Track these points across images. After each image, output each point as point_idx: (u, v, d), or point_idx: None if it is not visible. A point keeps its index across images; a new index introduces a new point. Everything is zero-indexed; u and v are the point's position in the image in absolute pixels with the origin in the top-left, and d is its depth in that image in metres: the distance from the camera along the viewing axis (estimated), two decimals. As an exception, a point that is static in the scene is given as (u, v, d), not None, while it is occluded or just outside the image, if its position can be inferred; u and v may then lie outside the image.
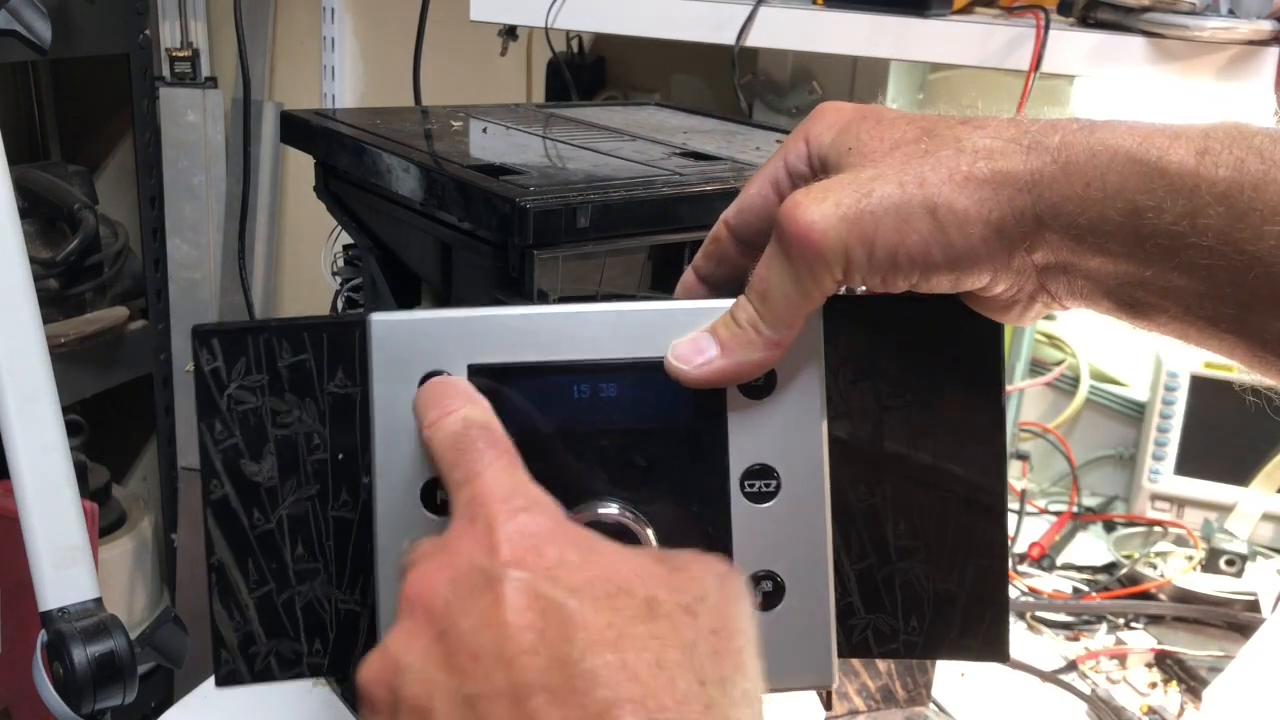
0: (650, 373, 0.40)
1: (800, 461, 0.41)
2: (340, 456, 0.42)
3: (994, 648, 0.42)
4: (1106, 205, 0.35)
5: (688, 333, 0.40)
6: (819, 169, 0.41)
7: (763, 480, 0.41)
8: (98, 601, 0.83)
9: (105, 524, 1.55)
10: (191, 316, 1.78)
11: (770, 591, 0.41)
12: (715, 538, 0.41)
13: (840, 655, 0.42)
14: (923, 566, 0.42)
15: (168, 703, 1.00)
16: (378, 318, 0.41)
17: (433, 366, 0.40)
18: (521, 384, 0.40)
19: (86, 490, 1.38)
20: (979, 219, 0.37)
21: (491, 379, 0.40)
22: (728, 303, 0.40)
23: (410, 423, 0.40)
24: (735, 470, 0.41)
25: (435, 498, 0.41)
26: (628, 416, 0.41)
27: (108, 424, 1.72)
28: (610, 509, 0.40)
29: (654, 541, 0.40)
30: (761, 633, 0.40)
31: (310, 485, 0.42)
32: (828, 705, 0.46)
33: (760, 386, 0.40)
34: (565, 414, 0.41)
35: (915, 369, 0.41)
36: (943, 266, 0.38)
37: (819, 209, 0.38)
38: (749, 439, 0.40)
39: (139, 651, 0.83)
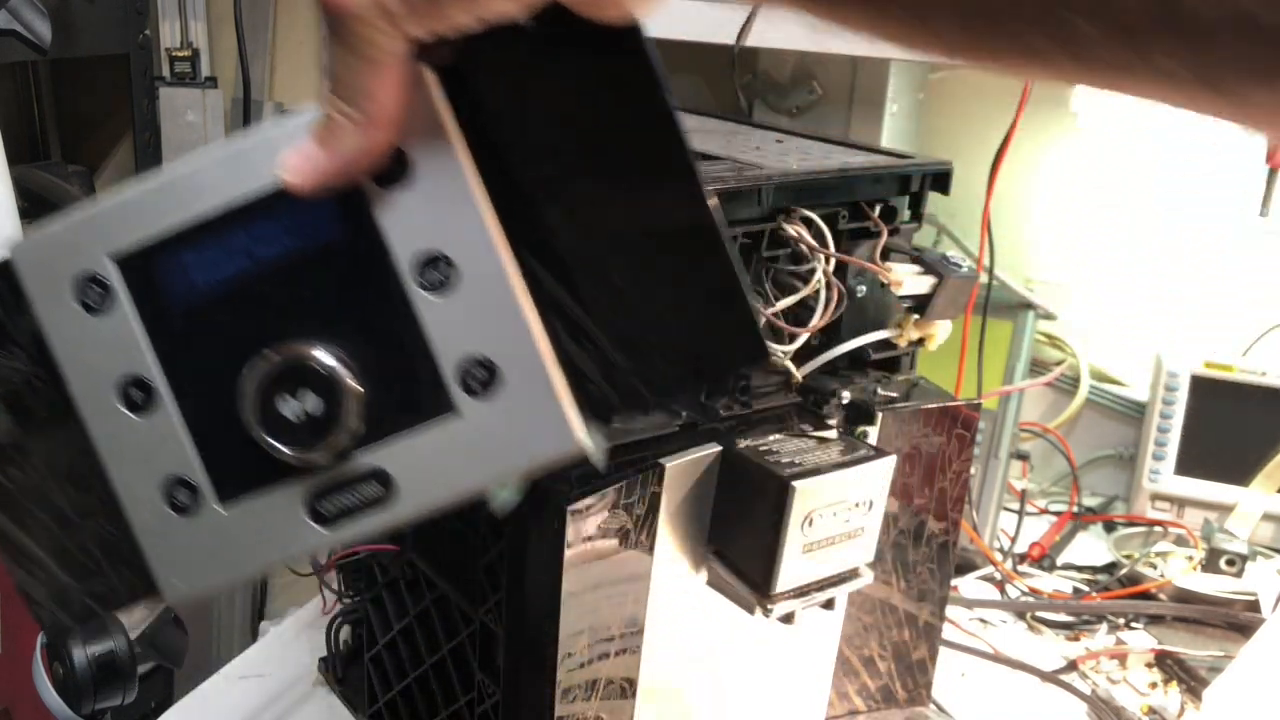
0: (284, 200, 0.38)
1: (468, 238, 0.38)
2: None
3: (747, 348, 0.39)
4: None
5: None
6: None
7: (435, 269, 0.38)
8: (98, 602, 0.83)
9: (105, 524, 1.54)
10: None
11: (486, 378, 0.39)
12: (409, 341, 0.39)
13: (618, 412, 0.40)
14: (670, 311, 0.39)
15: (168, 703, 1.00)
16: (16, 247, 0.41)
17: (79, 268, 0.40)
18: (170, 257, 0.40)
19: (86, 490, 1.38)
20: None
21: (139, 262, 0.40)
22: None
23: (85, 330, 0.40)
24: (403, 266, 0.39)
25: (130, 397, 0.40)
26: (281, 251, 0.39)
27: (108, 424, 1.72)
28: (319, 355, 0.39)
29: (351, 374, 0.39)
30: (490, 420, 0.38)
31: (52, 427, 0.42)
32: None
33: (393, 173, 0.38)
34: (223, 269, 0.39)
35: (572, 107, 0.38)
36: None
37: None
38: (404, 231, 0.38)
39: (139, 651, 0.83)
